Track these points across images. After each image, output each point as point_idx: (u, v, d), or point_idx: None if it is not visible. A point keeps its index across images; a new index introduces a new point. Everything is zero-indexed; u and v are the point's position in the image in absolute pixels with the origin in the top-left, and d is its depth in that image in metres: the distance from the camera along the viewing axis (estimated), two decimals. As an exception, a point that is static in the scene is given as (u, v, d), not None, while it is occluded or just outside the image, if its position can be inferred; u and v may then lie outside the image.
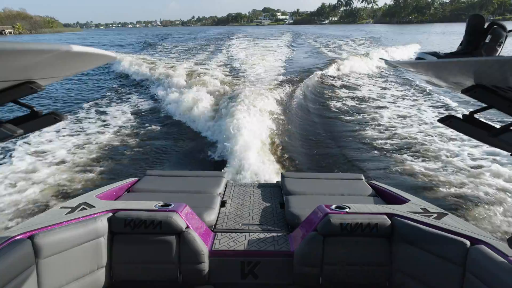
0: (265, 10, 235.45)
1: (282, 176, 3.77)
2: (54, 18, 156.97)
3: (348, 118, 10.58)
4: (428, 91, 13.98)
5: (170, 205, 2.59)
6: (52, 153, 7.76)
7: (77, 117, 11.05)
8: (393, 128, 9.44)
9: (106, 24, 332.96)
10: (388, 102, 12.67)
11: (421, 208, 2.67)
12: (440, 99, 12.70)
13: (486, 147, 7.31)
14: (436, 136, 8.61)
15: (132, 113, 11.43)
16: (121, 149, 8.08)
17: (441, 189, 5.96)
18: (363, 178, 3.70)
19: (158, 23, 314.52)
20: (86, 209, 2.55)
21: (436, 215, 2.53)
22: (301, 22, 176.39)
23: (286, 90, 12.36)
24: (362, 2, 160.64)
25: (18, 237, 2.07)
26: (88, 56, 1.17)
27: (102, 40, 62.45)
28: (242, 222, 3.02)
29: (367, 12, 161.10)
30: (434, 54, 1.76)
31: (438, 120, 1.50)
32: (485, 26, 1.61)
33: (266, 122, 8.63)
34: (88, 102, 13.27)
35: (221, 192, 3.46)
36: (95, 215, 2.45)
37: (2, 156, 7.60)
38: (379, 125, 9.78)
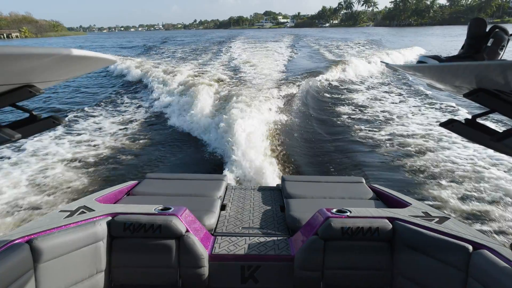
0: (267, 13, 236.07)
1: (283, 179, 3.74)
2: (59, 22, 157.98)
3: (349, 121, 10.49)
4: (429, 94, 13.86)
5: (169, 208, 2.56)
6: (52, 156, 7.70)
7: (77, 120, 10.96)
8: (394, 131, 9.36)
9: (109, 27, 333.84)
10: (389, 105, 12.57)
11: (422, 212, 2.63)
12: (442, 102, 12.57)
13: (489, 151, 7.19)
14: (437, 140, 8.51)
15: (132, 116, 11.34)
16: (121, 152, 8.02)
17: (442, 192, 5.89)
18: (364, 181, 3.66)
19: (161, 26, 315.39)
20: (85, 212, 2.53)
21: (437, 219, 2.49)
22: (302, 25, 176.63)
23: (286, 93, 12.28)
24: (362, 5, 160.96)
25: (16, 241, 2.04)
26: (87, 60, 1.15)
27: (109, 43, 62.90)
28: (242, 225, 2.98)
29: (367, 15, 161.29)
30: (436, 57, 1.74)
31: (440, 124, 1.48)
32: (487, 30, 1.60)
33: (267, 125, 8.56)
34: (88, 106, 13.19)
35: (221, 195, 3.43)
36: (94, 219, 2.42)
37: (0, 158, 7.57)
38: (380, 128, 9.71)
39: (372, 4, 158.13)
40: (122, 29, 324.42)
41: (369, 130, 9.54)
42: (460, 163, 7.09)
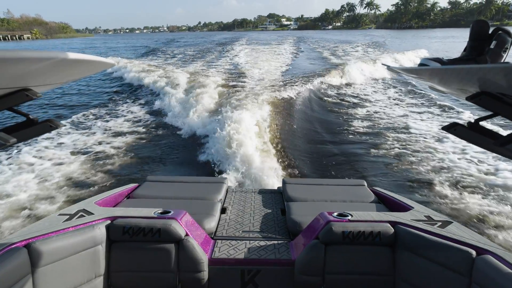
0: (270, 15, 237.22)
1: (284, 182, 3.70)
2: (67, 24, 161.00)
3: (350, 123, 10.38)
4: (431, 97, 13.68)
5: (169, 212, 2.54)
6: (51, 159, 7.64)
7: (76, 122, 10.88)
8: (395, 134, 9.26)
9: (114, 29, 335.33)
10: (391, 108, 12.42)
11: (425, 216, 2.59)
12: (444, 105, 12.40)
13: (493, 154, 7.04)
14: (439, 143, 8.43)
15: (132, 119, 11.22)
16: (122, 155, 7.95)
17: (444, 196, 5.79)
18: (366, 184, 3.62)
19: (165, 28, 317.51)
20: (84, 216, 2.49)
21: (440, 223, 2.46)
22: (305, 28, 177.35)
23: (288, 95, 12.15)
24: (365, 8, 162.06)
25: (14, 245, 2.00)
26: (85, 64, 1.14)
27: (121, 44, 63.83)
28: (242, 229, 2.95)
29: (369, 18, 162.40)
30: (438, 60, 1.72)
31: (442, 128, 1.45)
32: (490, 32, 1.58)
33: (268, 127, 8.51)
34: (88, 108, 13.04)
35: (222, 198, 3.40)
36: (93, 223, 2.39)
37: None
38: (381, 131, 9.59)
39: (375, 6, 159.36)
40: (127, 31, 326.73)
41: (370, 133, 9.44)
42: (463, 167, 6.98)
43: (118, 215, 2.51)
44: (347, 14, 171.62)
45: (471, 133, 1.33)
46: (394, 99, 14.02)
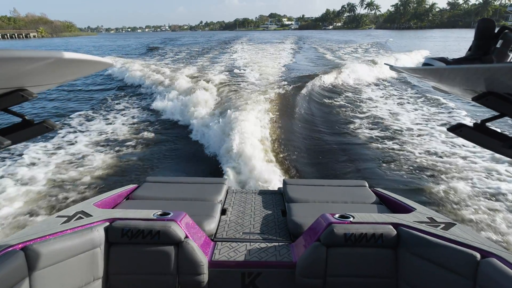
0: (272, 15, 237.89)
1: (284, 183, 3.66)
2: (72, 23, 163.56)
3: (351, 123, 10.29)
4: (434, 97, 13.57)
5: (169, 214, 2.50)
6: (49, 160, 7.56)
7: (75, 123, 10.74)
8: (396, 134, 9.17)
9: (116, 28, 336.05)
10: (392, 108, 12.29)
11: (427, 218, 2.55)
12: (447, 105, 12.27)
13: (498, 156, 6.99)
14: (440, 143, 8.41)
15: (132, 119, 11.07)
16: (121, 156, 7.87)
17: (447, 197, 5.71)
18: (367, 185, 3.59)
19: (167, 27, 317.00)
20: (83, 218, 2.45)
21: (443, 225, 2.41)
22: (306, 28, 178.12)
23: (289, 95, 12.06)
24: (365, 8, 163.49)
25: (11, 248, 1.96)
26: (81, 63, 1.12)
27: (133, 42, 64.73)
28: (243, 231, 2.91)
29: (369, 18, 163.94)
30: (442, 59, 1.67)
31: (448, 129, 1.39)
32: (496, 31, 1.54)
33: (269, 127, 8.44)
34: (87, 108, 12.90)
35: (222, 199, 3.37)
36: (92, 225, 2.35)
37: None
38: (382, 131, 9.52)
39: (375, 7, 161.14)
40: (129, 30, 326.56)
41: (371, 133, 9.35)
42: (465, 167, 6.91)
43: (117, 217, 2.47)
44: (348, 14, 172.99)
45: (478, 134, 1.29)
46: (395, 99, 13.88)
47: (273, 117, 9.29)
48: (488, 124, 1.29)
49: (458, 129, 1.33)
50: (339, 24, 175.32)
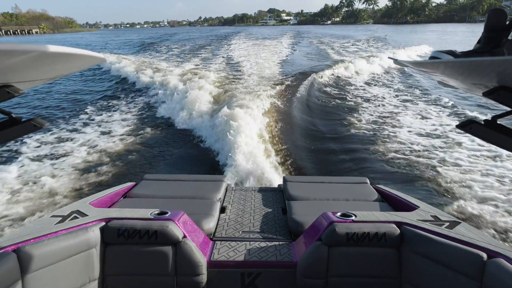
0: (271, 10, 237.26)
1: (284, 180, 3.60)
2: (72, 19, 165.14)
3: (352, 119, 10.15)
4: (436, 93, 13.32)
5: (166, 213, 2.45)
6: (47, 158, 7.43)
7: (72, 120, 10.57)
8: (397, 130, 9.04)
9: (114, 24, 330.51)
10: (394, 104, 12.10)
11: (431, 216, 2.49)
12: (449, 100, 12.03)
13: (505, 153, 6.83)
14: (443, 139, 8.27)
15: (130, 117, 10.88)
16: (119, 153, 7.72)
17: (450, 194, 5.58)
18: (368, 181, 3.53)
19: (166, 23, 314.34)
20: (78, 218, 2.39)
21: (448, 223, 2.35)
22: (305, 23, 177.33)
23: (289, 91, 11.87)
24: (363, 3, 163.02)
25: (2, 250, 1.90)
26: (70, 58, 1.05)
27: (135, 36, 64.92)
28: (242, 229, 2.87)
29: (368, 13, 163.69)
30: (450, 52, 1.61)
31: (457, 126, 1.34)
32: (507, 22, 1.45)
33: (268, 123, 8.33)
34: (85, 105, 12.71)
35: (221, 197, 3.32)
36: (87, 225, 2.29)
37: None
38: (384, 127, 9.40)
39: (373, 2, 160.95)
40: (127, 26, 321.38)
41: (372, 129, 9.24)
42: (470, 164, 6.75)
43: (113, 216, 2.41)
44: (346, 9, 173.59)
45: (489, 131, 1.23)
46: (397, 95, 13.62)
47: (272, 113, 9.21)
48: (499, 121, 1.23)
49: (467, 126, 1.26)
50: (338, 19, 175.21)
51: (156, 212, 2.47)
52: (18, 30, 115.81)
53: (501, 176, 6.24)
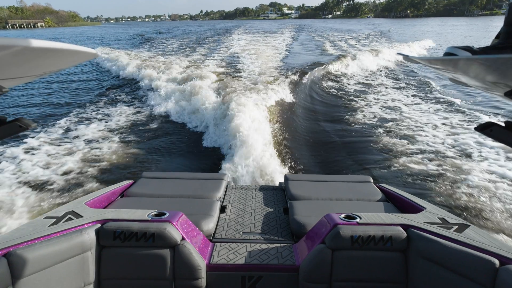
0: (272, 4, 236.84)
1: (286, 178, 3.51)
2: (76, 13, 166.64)
3: (355, 117, 9.94)
4: (439, 90, 13.05)
5: (164, 214, 2.35)
6: (42, 155, 7.28)
7: (67, 117, 10.33)
8: (401, 128, 8.87)
9: (116, 18, 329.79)
10: (398, 101, 11.84)
11: (438, 218, 2.40)
12: (452, 100, 11.64)
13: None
14: (449, 138, 8.05)
15: (127, 113, 10.68)
16: (117, 150, 7.60)
17: (458, 196, 5.34)
18: (372, 180, 3.44)
19: (167, 17, 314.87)
20: (73, 219, 2.31)
21: (456, 226, 2.25)
22: (306, 17, 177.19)
23: (291, 87, 11.63)
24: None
25: None
26: (58, 53, 0.96)
27: (145, 29, 64.33)
28: (243, 230, 2.78)
29: (369, 7, 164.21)
30: (468, 48, 1.49)
31: (476, 128, 1.23)
32: None
33: (269, 120, 8.22)
34: (84, 100, 12.55)
35: (221, 196, 3.23)
36: (82, 227, 2.19)
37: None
38: (387, 124, 9.22)
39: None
40: (129, 19, 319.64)
41: (375, 126, 9.06)
42: (477, 163, 6.57)
43: (109, 217, 2.33)
44: (347, 3, 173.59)
45: (511, 134, 1.13)
46: (402, 92, 13.30)
47: (273, 109, 9.04)
48: None
49: (487, 129, 1.16)
50: (339, 13, 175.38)
51: (154, 213, 2.37)
52: (24, 24, 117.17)
53: None
